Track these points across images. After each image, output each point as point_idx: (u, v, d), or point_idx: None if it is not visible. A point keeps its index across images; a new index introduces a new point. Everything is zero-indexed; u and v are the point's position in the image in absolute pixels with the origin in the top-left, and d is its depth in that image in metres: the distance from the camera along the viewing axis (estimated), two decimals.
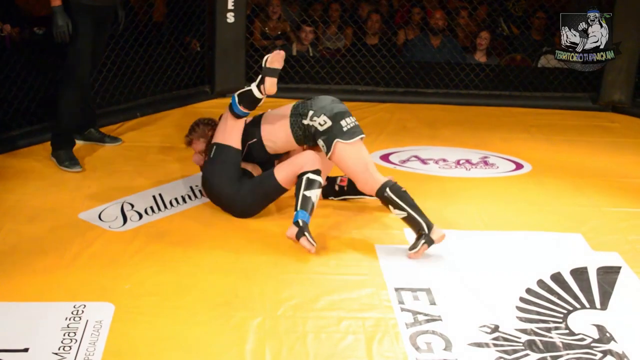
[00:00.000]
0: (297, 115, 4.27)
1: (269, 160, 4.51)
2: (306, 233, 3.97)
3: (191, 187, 4.70)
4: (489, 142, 5.81)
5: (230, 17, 6.42)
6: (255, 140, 4.38)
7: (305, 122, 4.23)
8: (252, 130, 4.40)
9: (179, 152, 5.25)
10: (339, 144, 4.14)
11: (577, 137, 6.10)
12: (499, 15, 8.07)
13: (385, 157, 5.36)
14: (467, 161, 5.39)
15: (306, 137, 4.27)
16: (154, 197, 4.60)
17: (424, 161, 5.36)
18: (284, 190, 4.31)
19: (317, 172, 4.17)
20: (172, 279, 3.72)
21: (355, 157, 4.16)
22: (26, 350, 3.11)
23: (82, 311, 3.36)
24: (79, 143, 5.33)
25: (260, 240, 4.12)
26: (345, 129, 4.17)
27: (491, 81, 7.02)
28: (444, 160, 5.39)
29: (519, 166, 5.35)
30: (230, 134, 4.36)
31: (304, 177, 4.14)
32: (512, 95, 6.95)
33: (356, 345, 3.24)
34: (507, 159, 5.47)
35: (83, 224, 4.24)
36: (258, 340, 3.25)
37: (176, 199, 4.59)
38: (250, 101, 4.30)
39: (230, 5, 6.40)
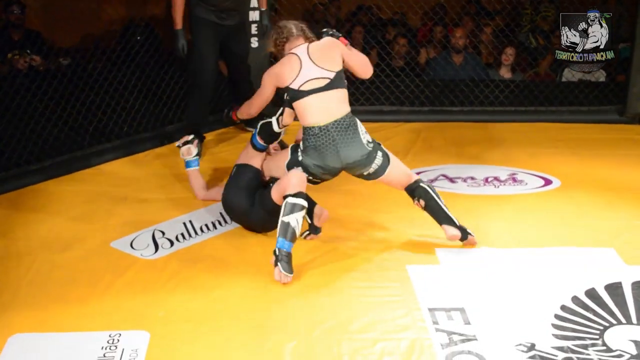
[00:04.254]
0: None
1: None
2: (279, 263, 3.90)
3: (221, 213, 4.70)
4: (517, 159, 5.78)
5: (254, 42, 6.45)
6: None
7: (302, 142, 4.28)
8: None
9: (209, 179, 5.28)
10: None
11: (605, 151, 6.05)
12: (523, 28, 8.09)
13: None
14: (496, 178, 5.37)
15: None
16: (184, 224, 4.62)
17: (452, 180, 5.34)
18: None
19: (298, 194, 4.05)
20: (206, 305, 3.73)
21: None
22: None
23: (118, 340, 3.38)
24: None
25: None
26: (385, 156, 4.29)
27: (516, 97, 7.00)
28: (472, 178, 5.37)
29: (547, 182, 5.32)
30: (252, 158, 4.48)
31: (284, 202, 4.05)
32: (537, 110, 6.91)
33: None
34: (535, 175, 5.44)
35: (115, 253, 4.27)
36: None
37: (206, 225, 4.61)
38: (268, 134, 4.40)
39: (253, 30, 6.44)
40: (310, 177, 4.26)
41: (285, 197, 4.07)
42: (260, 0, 6.01)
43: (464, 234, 4.30)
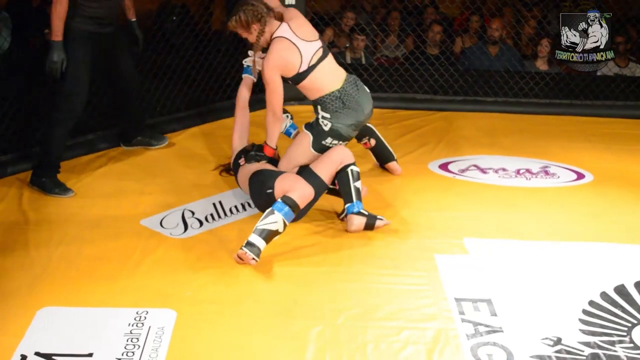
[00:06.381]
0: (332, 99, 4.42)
1: None
2: (378, 217, 4.29)
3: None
4: (550, 152, 5.73)
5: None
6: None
7: (320, 114, 4.44)
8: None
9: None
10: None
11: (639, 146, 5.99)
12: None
13: (444, 166, 5.33)
14: (528, 170, 5.33)
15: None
16: (214, 204, 4.63)
17: (483, 170, 5.31)
18: (327, 187, 4.42)
19: (354, 163, 4.33)
20: (232, 286, 3.74)
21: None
22: (90, 355, 3.17)
23: (145, 317, 3.40)
24: (126, 149, 5.57)
25: (318, 249, 4.13)
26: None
27: (551, 89, 6.94)
28: (504, 169, 5.34)
29: (580, 176, 5.28)
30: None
31: (349, 170, 4.32)
32: (572, 103, 6.85)
33: (416, 356, 3.23)
34: (568, 169, 5.39)
35: (145, 231, 4.30)
36: (318, 349, 3.25)
37: (236, 207, 4.62)
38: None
39: None
40: (337, 143, 4.46)
41: (345, 167, 4.31)
42: (129, 11, 5.35)
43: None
